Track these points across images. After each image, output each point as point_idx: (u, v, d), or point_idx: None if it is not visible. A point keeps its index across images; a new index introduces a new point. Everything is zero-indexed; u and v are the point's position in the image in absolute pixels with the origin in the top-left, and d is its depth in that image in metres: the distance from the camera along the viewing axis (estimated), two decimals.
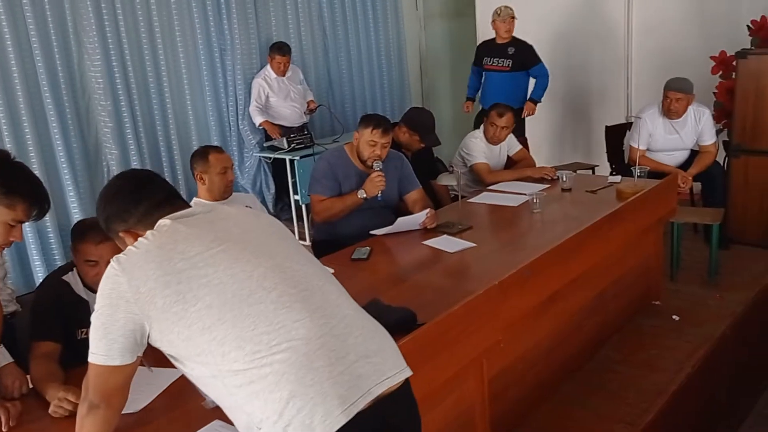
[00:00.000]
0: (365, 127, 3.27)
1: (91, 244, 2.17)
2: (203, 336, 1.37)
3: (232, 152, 5.62)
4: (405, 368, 1.50)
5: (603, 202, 3.33)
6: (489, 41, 5.47)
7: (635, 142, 4.31)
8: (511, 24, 5.26)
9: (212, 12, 5.33)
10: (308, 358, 1.36)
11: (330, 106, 6.15)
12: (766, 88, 4.05)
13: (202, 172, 3.09)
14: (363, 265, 2.76)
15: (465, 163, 4.11)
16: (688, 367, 2.99)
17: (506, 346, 2.39)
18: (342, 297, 1.54)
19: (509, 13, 5.25)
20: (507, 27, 5.25)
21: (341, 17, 6.27)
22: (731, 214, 4.26)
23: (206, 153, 3.12)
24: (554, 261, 2.64)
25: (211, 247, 1.46)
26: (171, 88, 5.17)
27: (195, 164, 3.12)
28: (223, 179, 3.11)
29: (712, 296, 3.67)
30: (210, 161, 3.09)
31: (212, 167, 3.08)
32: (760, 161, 4.17)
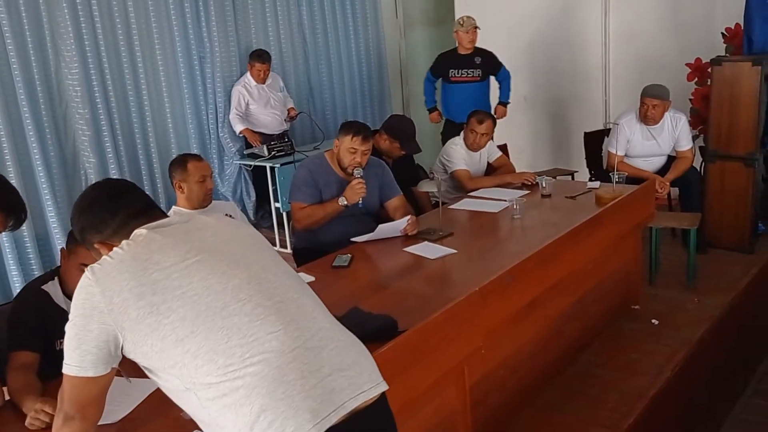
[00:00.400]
0: (345, 135, 3.27)
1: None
2: (177, 348, 1.36)
3: (211, 160, 5.59)
4: (381, 382, 1.48)
5: (582, 208, 3.36)
6: (451, 53, 5.39)
7: (613, 148, 4.36)
8: (475, 34, 5.23)
9: (191, 19, 5.31)
10: (280, 371, 1.35)
11: (310, 113, 6.14)
12: (740, 94, 4.12)
13: (181, 181, 3.06)
14: (344, 272, 2.75)
15: (446, 169, 4.13)
16: (667, 371, 3.01)
17: (487, 352, 2.39)
18: (318, 310, 1.53)
19: (472, 24, 5.22)
20: (471, 37, 5.22)
21: (321, 25, 6.28)
22: (708, 219, 4.31)
23: (185, 161, 3.09)
24: (534, 267, 2.65)
25: (187, 258, 1.45)
26: (150, 96, 5.14)
27: (173, 173, 3.09)
28: (202, 187, 3.08)
29: (690, 300, 3.71)
30: (189, 169, 3.06)
31: (191, 175, 3.05)
32: (735, 166, 4.22)
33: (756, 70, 4.04)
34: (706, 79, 4.53)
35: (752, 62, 4.06)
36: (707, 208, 4.33)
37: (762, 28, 4.13)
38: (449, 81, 5.36)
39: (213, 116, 5.55)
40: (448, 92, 5.41)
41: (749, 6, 4.14)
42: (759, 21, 4.12)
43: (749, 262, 4.11)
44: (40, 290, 2.24)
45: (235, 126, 5.53)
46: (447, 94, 5.43)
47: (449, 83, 5.37)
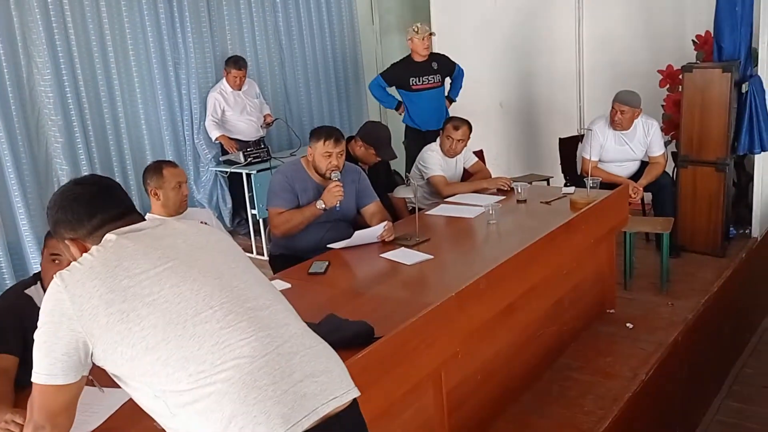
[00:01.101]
0: (317, 140, 3.28)
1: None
2: (147, 356, 1.35)
3: (187, 166, 5.54)
4: (353, 388, 1.48)
5: (557, 213, 3.39)
6: (406, 61, 5.33)
7: (587, 153, 4.41)
8: (430, 41, 5.22)
9: (166, 25, 5.27)
10: (252, 376, 1.34)
11: (287, 119, 6.13)
12: (711, 100, 4.19)
13: (157, 188, 3.03)
14: (321, 279, 2.74)
15: (422, 175, 4.14)
16: (642, 374, 3.04)
17: (464, 357, 2.40)
18: (290, 317, 1.53)
19: (427, 30, 5.22)
20: (426, 44, 5.20)
21: (297, 31, 6.27)
22: (681, 223, 4.37)
23: (160, 168, 3.06)
24: (511, 271, 2.67)
25: (158, 265, 1.43)
26: (124, 102, 5.09)
27: (148, 179, 3.05)
28: (178, 194, 3.05)
29: (664, 304, 3.76)
30: (164, 176, 3.02)
31: (167, 182, 3.02)
32: (706, 171, 4.29)
33: (726, 77, 4.11)
34: (678, 86, 4.59)
35: (722, 69, 4.14)
36: (680, 212, 4.39)
37: (731, 36, 4.20)
38: (410, 89, 5.30)
39: (188, 123, 5.51)
40: (410, 101, 5.36)
41: (719, 14, 4.21)
42: (728, 29, 4.19)
43: (721, 266, 4.17)
44: (22, 294, 2.22)
45: (211, 132, 5.50)
46: (408, 102, 5.38)
47: (410, 92, 5.32)
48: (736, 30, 4.18)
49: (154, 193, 3.03)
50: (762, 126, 4.19)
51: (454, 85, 5.50)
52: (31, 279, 2.30)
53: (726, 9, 4.17)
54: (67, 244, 1.54)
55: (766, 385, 3.75)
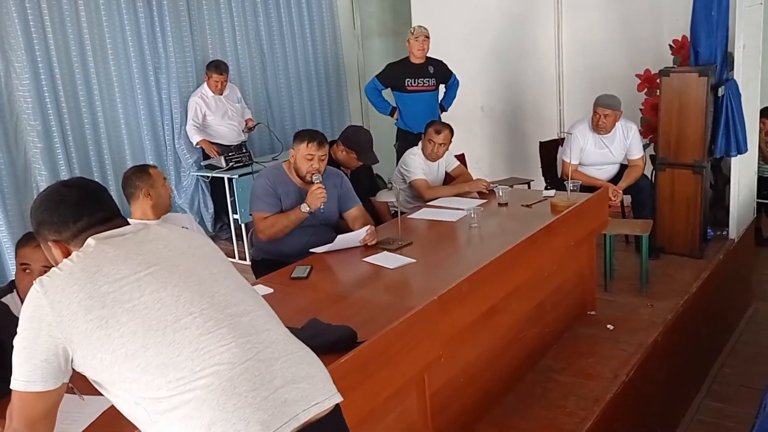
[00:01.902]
0: (300, 143, 3.28)
1: (28, 247, 2.12)
2: (127, 363, 1.34)
3: (168, 171, 5.52)
4: (335, 394, 1.48)
5: (538, 216, 3.42)
6: (404, 62, 5.35)
7: (567, 157, 4.45)
8: (425, 43, 5.23)
9: (146, 29, 5.25)
10: (231, 383, 1.34)
11: (269, 123, 6.12)
12: (688, 104, 4.24)
13: (150, 187, 3.03)
14: (303, 283, 2.74)
15: (404, 179, 4.16)
16: (623, 375, 3.07)
17: (447, 360, 2.41)
18: (271, 322, 1.52)
19: (423, 33, 5.23)
20: (421, 46, 5.21)
21: (279, 35, 6.27)
22: (659, 225, 4.42)
23: (145, 169, 3.09)
24: (493, 274, 2.68)
25: (138, 271, 1.43)
26: (103, 107, 5.05)
27: (137, 182, 3.03)
28: (167, 191, 3.11)
29: (644, 305, 3.79)
30: (152, 175, 3.06)
31: (156, 180, 3.06)
32: (684, 174, 4.34)
33: (702, 81, 4.17)
34: (656, 90, 4.65)
35: (699, 73, 4.19)
36: (658, 214, 4.44)
37: (707, 41, 4.26)
38: (405, 91, 5.34)
39: (169, 127, 5.48)
40: (404, 102, 5.39)
41: (695, 19, 4.27)
42: (704, 34, 4.25)
43: (699, 267, 4.22)
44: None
45: (192, 137, 5.47)
46: (401, 104, 5.41)
47: (405, 93, 5.35)
48: (712, 35, 4.24)
49: (146, 194, 3.02)
50: (738, 129, 4.25)
51: (448, 94, 5.51)
52: (8, 287, 2.28)
53: (702, 14, 4.23)
54: (50, 246, 1.53)
55: (744, 385, 3.81)
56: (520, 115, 6.22)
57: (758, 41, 4.62)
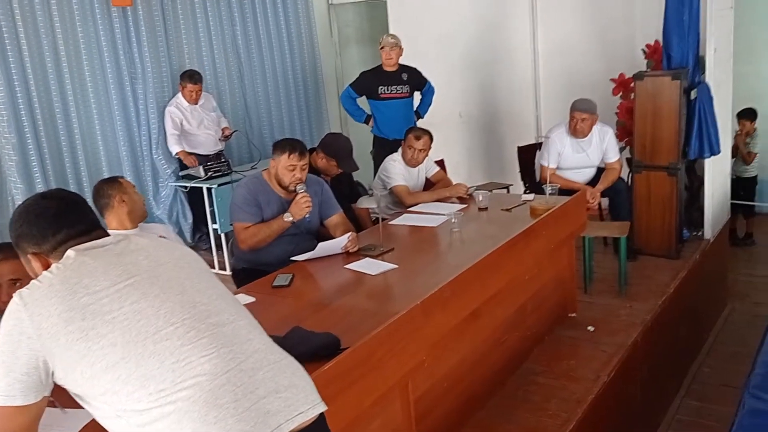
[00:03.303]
0: (281, 154, 3.27)
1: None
2: (107, 375, 1.33)
3: (145, 182, 5.48)
4: (319, 403, 1.48)
5: (518, 220, 3.45)
6: (376, 70, 5.37)
7: (545, 161, 4.49)
8: (393, 52, 5.23)
9: (121, 39, 5.21)
10: (213, 394, 1.33)
11: (247, 132, 6.10)
12: (661, 107, 4.30)
13: (123, 194, 3.02)
14: (285, 291, 2.73)
15: (385, 185, 4.17)
16: (604, 376, 3.10)
17: (431, 365, 2.42)
18: (254, 332, 1.52)
19: (390, 42, 5.25)
20: (389, 55, 5.24)
21: (256, 44, 6.26)
22: (637, 227, 4.47)
23: (113, 179, 3.11)
24: (474, 278, 2.70)
25: (118, 282, 1.42)
26: (79, 118, 5.01)
27: (110, 191, 3.01)
28: (140, 197, 3.13)
29: (623, 306, 3.83)
30: (123, 183, 3.06)
31: (128, 188, 3.06)
32: (659, 176, 4.40)
33: (675, 84, 4.24)
34: (630, 93, 4.71)
35: (671, 77, 4.26)
36: (635, 216, 4.49)
37: (679, 45, 4.33)
38: (379, 98, 5.35)
39: (146, 137, 5.44)
40: (378, 109, 5.40)
41: (667, 24, 4.34)
42: (676, 38, 4.32)
43: (676, 268, 4.27)
44: None
45: (172, 147, 5.44)
46: (376, 111, 5.43)
47: (378, 100, 5.36)
48: (684, 39, 4.31)
49: (120, 200, 3.00)
50: (711, 131, 4.32)
51: (424, 101, 5.53)
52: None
53: (674, 19, 4.30)
54: (29, 259, 1.52)
55: (723, 383, 3.86)
56: (497, 120, 6.27)
57: (729, 45, 4.71)
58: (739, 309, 4.78)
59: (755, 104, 5.50)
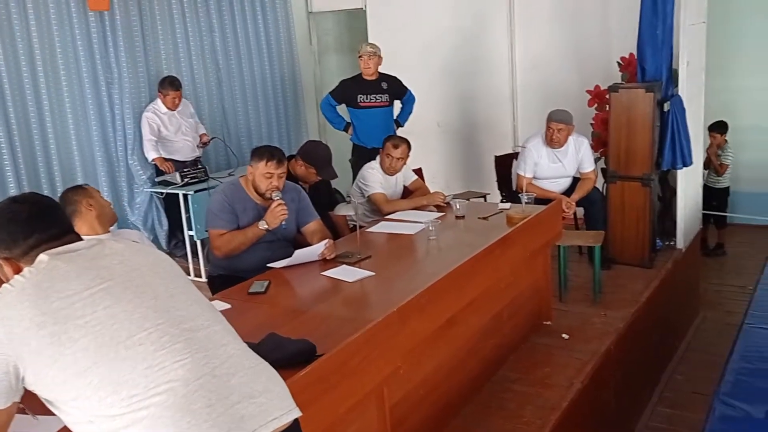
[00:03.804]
0: (259, 161, 3.26)
1: None
2: (79, 380, 1.32)
3: (121, 188, 5.43)
4: (293, 409, 1.48)
5: (494, 228, 3.47)
6: (356, 79, 5.38)
7: (522, 170, 4.54)
8: (371, 61, 5.24)
9: (98, 43, 5.17)
10: (187, 399, 1.33)
11: (225, 139, 6.07)
12: (636, 119, 4.37)
13: (89, 198, 2.99)
14: (261, 298, 2.72)
15: (362, 193, 4.17)
16: (578, 383, 3.13)
17: (407, 372, 2.43)
18: (228, 337, 1.51)
19: (368, 51, 5.26)
20: (367, 64, 5.25)
21: (235, 51, 6.24)
22: (611, 236, 4.52)
23: (79, 186, 3.08)
24: (451, 286, 2.72)
25: (91, 287, 1.41)
26: (54, 122, 4.95)
27: (75, 197, 2.98)
28: (107, 201, 3.10)
29: (597, 314, 3.88)
30: (87, 189, 3.04)
31: (93, 192, 3.04)
32: (633, 186, 4.47)
33: (649, 96, 4.31)
34: (605, 105, 4.78)
35: (645, 89, 4.33)
36: (610, 226, 4.55)
37: (653, 58, 4.41)
38: (358, 107, 5.36)
39: (122, 143, 5.39)
40: (357, 118, 5.41)
41: (641, 37, 4.42)
42: (650, 51, 4.40)
43: (649, 276, 4.33)
44: None
45: (149, 153, 5.40)
46: (355, 119, 5.44)
47: (357, 109, 5.38)
48: (658, 52, 4.39)
49: (88, 205, 2.97)
50: (683, 143, 4.40)
51: (404, 110, 5.54)
52: None
53: (648, 32, 4.38)
54: (0, 263, 1.50)
55: (695, 391, 3.92)
56: (475, 130, 6.31)
57: (701, 58, 4.81)
58: (711, 317, 4.86)
59: (726, 117, 5.62)
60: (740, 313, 2.95)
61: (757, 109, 5.91)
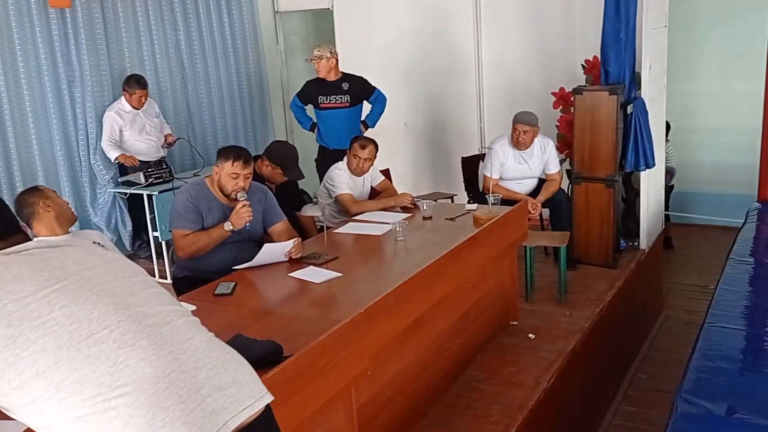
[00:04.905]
0: (225, 161, 3.22)
1: None
2: (37, 382, 1.27)
3: (83, 188, 5.32)
4: (265, 394, 1.46)
5: (461, 229, 3.49)
6: (318, 80, 5.36)
7: (488, 171, 4.57)
8: (319, 64, 5.23)
9: (59, 41, 5.06)
10: (157, 397, 1.30)
11: (190, 139, 6.00)
12: (600, 121, 4.44)
13: (45, 199, 2.95)
14: (227, 300, 2.69)
15: (330, 194, 4.16)
16: (544, 382, 3.16)
17: (374, 373, 2.42)
18: (192, 329, 1.48)
19: (318, 54, 5.25)
20: (317, 67, 5.25)
21: (200, 50, 6.17)
22: (576, 237, 4.58)
23: (34, 188, 3.05)
24: (418, 286, 2.72)
25: (45, 287, 1.36)
26: (13, 122, 4.83)
27: (32, 198, 2.94)
28: (65, 201, 3.08)
29: (562, 314, 3.92)
30: (43, 190, 3.00)
31: (49, 193, 3.00)
32: (597, 188, 4.53)
33: (613, 99, 4.38)
34: (570, 107, 4.84)
35: (609, 92, 4.40)
36: (575, 227, 4.60)
37: (616, 61, 4.48)
38: (319, 107, 5.35)
39: (84, 142, 5.29)
40: (319, 119, 5.41)
41: (605, 40, 4.48)
42: (614, 54, 4.47)
43: (613, 276, 4.40)
44: None
45: (109, 153, 5.30)
46: (318, 120, 5.43)
47: (319, 110, 5.36)
48: (621, 55, 4.46)
49: (45, 206, 2.91)
50: (646, 145, 4.48)
51: (373, 110, 5.49)
52: None
53: (611, 36, 4.45)
54: None
55: (658, 389, 3.99)
56: (442, 131, 6.34)
57: (663, 62, 4.91)
58: (673, 316, 4.95)
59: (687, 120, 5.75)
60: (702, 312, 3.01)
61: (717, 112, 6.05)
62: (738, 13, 5.88)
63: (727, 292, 3.09)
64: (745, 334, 2.74)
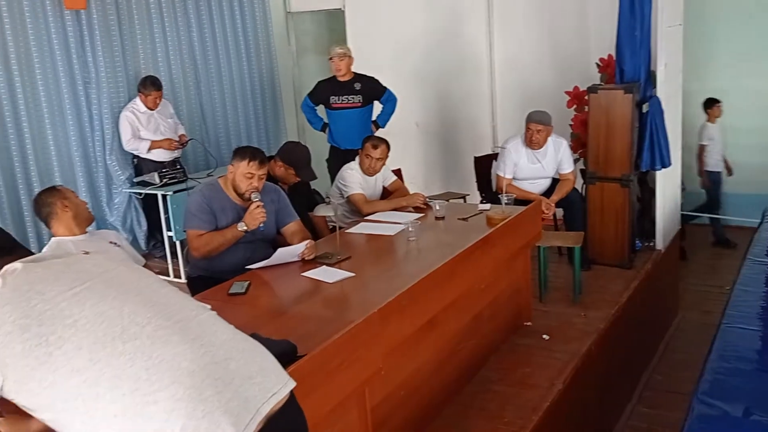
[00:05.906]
0: (241, 160, 3.23)
1: None
2: (72, 379, 1.28)
3: (99, 188, 5.36)
4: (288, 381, 1.51)
5: (474, 229, 3.47)
6: (330, 80, 5.36)
7: (502, 171, 4.55)
8: (341, 63, 5.22)
9: (74, 43, 5.10)
10: (196, 389, 1.32)
11: (203, 140, 6.02)
12: (614, 120, 4.40)
13: (64, 199, 2.99)
14: (241, 299, 2.70)
15: (342, 194, 4.16)
16: (558, 384, 3.14)
17: (388, 373, 2.41)
18: (217, 323, 1.52)
19: (336, 52, 5.24)
20: (337, 66, 5.24)
21: (213, 51, 6.19)
22: (590, 237, 4.55)
23: (53, 188, 3.08)
24: (431, 287, 2.71)
25: (73, 287, 1.38)
26: (30, 124, 4.87)
27: (50, 199, 3.00)
28: (83, 201, 3.10)
29: (577, 315, 3.89)
30: (61, 190, 3.03)
31: (67, 193, 3.02)
32: (612, 187, 4.49)
33: (628, 98, 4.34)
34: (584, 106, 4.81)
35: (624, 90, 4.37)
36: (589, 227, 4.57)
37: (632, 59, 4.45)
38: (331, 108, 5.35)
39: (100, 143, 5.32)
40: (331, 119, 5.41)
41: (620, 39, 4.46)
42: (629, 52, 4.44)
43: (629, 277, 4.36)
44: None
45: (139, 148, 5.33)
46: (330, 120, 5.43)
47: (331, 110, 5.36)
48: (636, 54, 4.43)
49: (63, 206, 2.96)
50: (662, 144, 4.44)
51: (384, 110, 5.48)
52: None
53: (626, 34, 4.42)
54: None
55: (673, 390, 3.95)
56: (454, 131, 6.32)
57: (678, 60, 4.86)
58: (689, 318, 4.91)
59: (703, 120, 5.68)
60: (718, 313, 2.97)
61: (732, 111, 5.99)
62: (754, 11, 5.82)
63: (744, 292, 3.05)
64: (762, 335, 2.70)
